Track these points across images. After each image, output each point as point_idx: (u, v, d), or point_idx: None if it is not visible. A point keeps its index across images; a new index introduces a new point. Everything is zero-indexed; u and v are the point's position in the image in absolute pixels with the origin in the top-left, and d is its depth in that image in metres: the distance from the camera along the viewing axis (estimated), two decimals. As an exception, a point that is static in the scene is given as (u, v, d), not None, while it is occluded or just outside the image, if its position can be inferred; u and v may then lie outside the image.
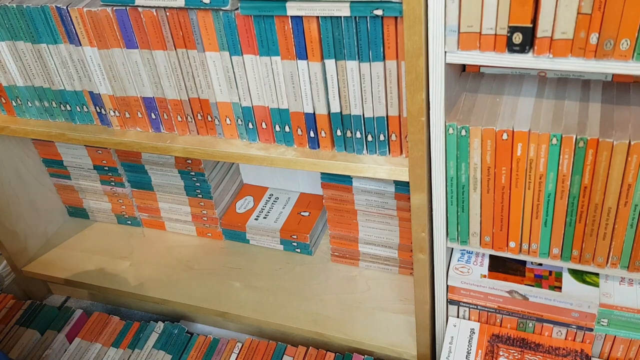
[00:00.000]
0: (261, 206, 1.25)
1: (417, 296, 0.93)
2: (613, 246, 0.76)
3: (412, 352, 1.02)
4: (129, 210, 1.31)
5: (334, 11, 0.69)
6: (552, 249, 0.79)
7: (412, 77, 0.69)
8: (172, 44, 0.81)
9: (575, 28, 0.60)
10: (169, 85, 0.85)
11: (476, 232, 0.82)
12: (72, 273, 1.24)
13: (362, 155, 0.82)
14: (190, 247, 1.25)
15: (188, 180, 1.19)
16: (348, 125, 0.80)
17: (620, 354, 0.88)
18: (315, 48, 0.73)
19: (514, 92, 0.78)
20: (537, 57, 0.63)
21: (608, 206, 0.72)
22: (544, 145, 0.70)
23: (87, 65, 0.88)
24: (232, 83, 0.81)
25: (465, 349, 0.90)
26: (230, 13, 0.75)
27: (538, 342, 0.90)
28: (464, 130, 0.72)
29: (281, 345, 1.12)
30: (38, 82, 0.94)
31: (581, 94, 0.76)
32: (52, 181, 1.33)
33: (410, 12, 0.64)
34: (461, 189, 0.78)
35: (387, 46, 0.71)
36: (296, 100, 0.79)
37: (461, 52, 0.66)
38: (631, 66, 0.60)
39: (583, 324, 0.87)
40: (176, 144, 0.90)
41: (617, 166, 0.68)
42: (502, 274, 0.89)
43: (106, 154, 1.22)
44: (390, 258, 1.12)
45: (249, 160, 0.86)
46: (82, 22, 0.83)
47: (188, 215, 1.25)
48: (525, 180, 0.74)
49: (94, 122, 0.96)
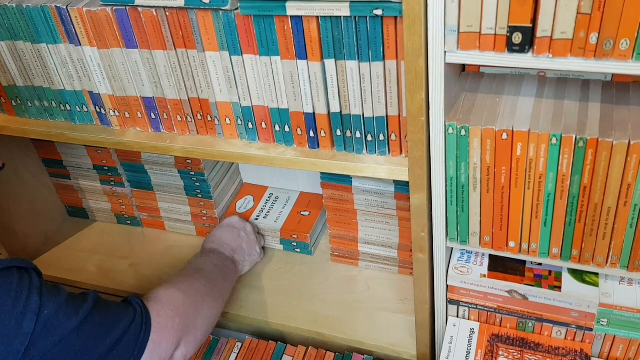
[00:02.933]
0: (261, 206, 1.25)
1: (417, 296, 0.93)
2: (613, 246, 0.76)
3: (411, 352, 1.02)
4: (129, 210, 1.31)
5: (333, 11, 0.69)
6: (552, 249, 0.79)
7: (411, 77, 0.69)
8: (172, 44, 0.81)
9: (574, 28, 0.60)
10: (168, 85, 0.85)
11: (476, 232, 0.82)
12: (72, 273, 1.24)
13: (362, 155, 0.82)
14: (190, 247, 1.25)
15: (188, 180, 1.19)
16: (348, 125, 0.80)
17: (620, 353, 0.88)
18: (315, 48, 0.73)
19: (514, 92, 0.78)
20: (536, 57, 0.63)
21: (608, 206, 0.72)
22: (544, 145, 0.70)
23: (87, 65, 0.88)
24: (232, 83, 0.81)
25: (465, 348, 0.90)
26: (230, 13, 0.75)
27: (538, 342, 0.90)
28: (464, 130, 0.72)
29: (281, 345, 1.12)
30: (38, 82, 0.93)
31: (581, 94, 0.76)
32: (52, 181, 1.33)
33: (410, 12, 0.64)
34: (461, 188, 0.78)
35: (387, 46, 0.71)
36: (296, 100, 0.79)
37: (461, 52, 0.66)
38: (631, 66, 0.60)
39: (583, 324, 0.87)
40: (176, 144, 0.90)
41: (616, 166, 0.68)
42: (501, 273, 0.89)
43: (106, 154, 1.22)
44: (390, 258, 1.12)
45: (248, 160, 0.86)
46: (82, 22, 0.83)
47: (188, 215, 1.25)
48: (525, 180, 0.74)
49: (93, 122, 0.96)
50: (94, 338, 0.75)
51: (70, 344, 0.72)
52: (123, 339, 0.77)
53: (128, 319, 0.79)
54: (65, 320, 0.72)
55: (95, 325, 0.75)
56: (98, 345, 0.75)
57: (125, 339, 0.77)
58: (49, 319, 0.71)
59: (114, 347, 0.76)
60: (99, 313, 0.76)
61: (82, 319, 0.73)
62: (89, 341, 0.74)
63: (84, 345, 0.73)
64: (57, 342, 0.71)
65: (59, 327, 0.71)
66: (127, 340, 0.78)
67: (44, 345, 0.70)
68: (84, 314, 0.74)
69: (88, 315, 0.74)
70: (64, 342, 0.71)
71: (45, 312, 0.71)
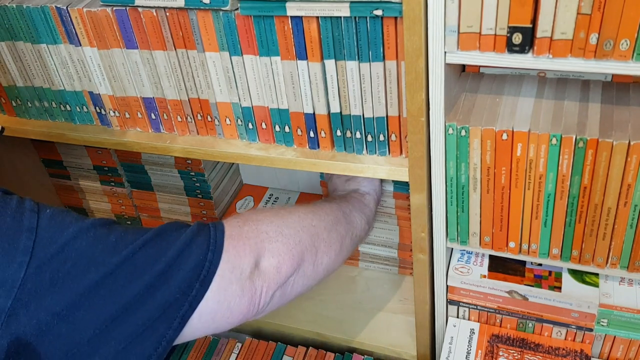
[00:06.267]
0: (261, 206, 1.25)
1: (417, 296, 0.93)
2: (613, 246, 0.76)
3: (411, 352, 1.02)
4: (129, 210, 1.31)
5: (333, 11, 0.69)
6: (552, 249, 0.79)
7: (411, 77, 0.69)
8: (172, 44, 0.81)
9: (574, 28, 0.60)
10: (168, 85, 0.85)
11: (476, 232, 0.82)
12: (72, 273, 1.24)
13: (362, 155, 0.82)
14: (190, 247, 1.25)
15: (188, 181, 1.19)
16: (348, 125, 0.80)
17: (620, 354, 0.88)
18: (315, 48, 0.74)
19: (514, 92, 0.78)
20: (536, 58, 0.63)
21: (608, 206, 0.72)
22: (544, 145, 0.70)
23: (87, 65, 0.88)
24: (232, 83, 0.81)
25: (465, 349, 0.90)
26: (230, 13, 0.75)
27: (538, 342, 0.90)
28: (464, 130, 0.72)
29: (281, 345, 1.12)
30: (38, 83, 0.93)
31: (581, 94, 0.76)
32: (52, 181, 1.33)
33: (410, 12, 0.64)
34: (461, 189, 0.78)
35: (387, 46, 0.71)
36: (296, 101, 0.79)
37: (461, 52, 0.66)
38: (631, 66, 0.60)
39: (583, 324, 0.87)
40: (176, 144, 0.90)
41: (616, 166, 0.68)
42: (501, 274, 0.89)
43: (106, 154, 1.22)
44: (390, 258, 1.12)
45: (248, 160, 0.86)
46: (82, 22, 0.83)
47: (188, 215, 1.25)
48: (525, 180, 0.74)
49: (93, 123, 0.96)
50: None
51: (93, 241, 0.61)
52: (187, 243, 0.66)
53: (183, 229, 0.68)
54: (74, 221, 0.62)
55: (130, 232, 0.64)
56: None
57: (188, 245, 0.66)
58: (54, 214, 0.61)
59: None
60: None
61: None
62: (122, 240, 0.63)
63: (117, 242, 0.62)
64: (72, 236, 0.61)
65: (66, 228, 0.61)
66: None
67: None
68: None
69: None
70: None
71: (48, 211, 0.62)
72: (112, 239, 0.63)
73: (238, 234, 0.70)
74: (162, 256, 0.64)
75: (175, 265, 0.64)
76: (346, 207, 0.88)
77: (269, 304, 0.72)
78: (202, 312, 0.65)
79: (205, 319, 0.66)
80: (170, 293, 0.63)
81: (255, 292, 0.69)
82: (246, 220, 0.73)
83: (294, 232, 0.75)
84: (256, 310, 0.70)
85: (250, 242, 0.70)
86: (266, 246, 0.71)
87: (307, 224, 0.78)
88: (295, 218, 0.77)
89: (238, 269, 0.68)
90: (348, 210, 0.87)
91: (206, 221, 0.72)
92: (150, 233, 0.66)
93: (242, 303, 0.68)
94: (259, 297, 0.70)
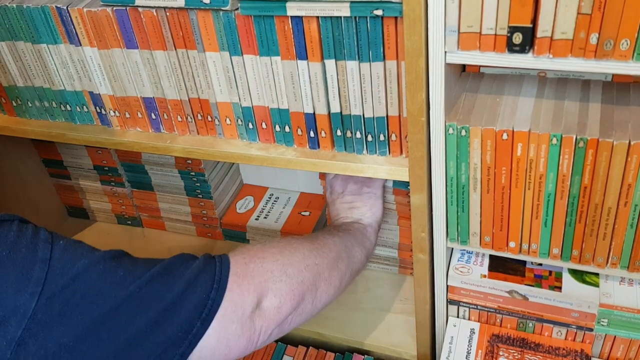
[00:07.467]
0: (261, 206, 1.25)
1: (417, 296, 0.93)
2: (613, 246, 0.76)
3: (412, 352, 1.02)
4: (129, 210, 1.31)
5: (334, 11, 0.69)
6: (552, 249, 0.79)
7: (412, 77, 0.69)
8: (172, 44, 0.81)
9: (575, 28, 0.60)
10: (169, 85, 0.85)
11: (476, 232, 0.82)
12: (72, 273, 1.24)
13: (362, 155, 0.82)
14: (190, 247, 1.25)
15: (188, 181, 1.19)
16: (348, 125, 0.80)
17: (620, 354, 0.88)
18: (315, 48, 0.73)
19: (514, 92, 0.78)
20: (537, 57, 0.63)
21: (608, 206, 0.72)
22: (544, 145, 0.70)
23: (87, 65, 0.88)
24: (232, 83, 0.81)
25: (465, 349, 0.90)
26: (230, 13, 0.75)
27: (538, 342, 0.90)
28: (464, 130, 0.72)
29: (281, 345, 1.12)
30: (38, 82, 0.94)
31: (581, 94, 0.76)
32: (52, 181, 1.33)
33: (410, 12, 0.64)
34: (461, 189, 0.78)
35: (387, 46, 0.71)
36: (296, 101, 0.79)
37: (461, 52, 0.66)
38: (631, 66, 0.60)
39: (583, 324, 0.87)
40: (176, 144, 0.90)
41: (617, 166, 0.68)
42: (502, 274, 0.89)
43: (106, 154, 1.22)
44: (390, 258, 1.12)
45: (249, 160, 0.86)
46: (82, 22, 0.83)
47: (188, 215, 1.25)
48: (525, 180, 0.74)
49: (94, 122, 0.96)
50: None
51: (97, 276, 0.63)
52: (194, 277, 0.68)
53: (191, 262, 0.70)
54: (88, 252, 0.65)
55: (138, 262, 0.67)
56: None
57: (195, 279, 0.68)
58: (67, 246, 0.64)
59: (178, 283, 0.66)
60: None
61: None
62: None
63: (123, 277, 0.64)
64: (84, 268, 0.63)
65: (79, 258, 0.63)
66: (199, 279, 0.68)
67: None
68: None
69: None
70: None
71: (62, 242, 0.65)
72: (121, 272, 0.65)
73: (243, 272, 0.71)
74: (167, 292, 0.65)
75: (179, 302, 0.65)
76: (348, 240, 0.88)
77: (265, 341, 0.73)
78: (202, 349, 0.66)
79: (205, 355, 0.67)
80: (172, 330, 0.64)
81: (254, 331, 0.70)
82: (252, 257, 0.74)
83: (298, 271, 0.76)
84: (253, 347, 0.72)
85: (255, 282, 0.71)
86: (270, 286, 0.72)
87: (311, 262, 0.78)
88: (300, 257, 0.78)
89: (240, 309, 0.69)
90: (350, 244, 0.87)
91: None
92: (157, 267, 0.68)
93: (241, 342, 0.69)
94: (257, 337, 0.71)
